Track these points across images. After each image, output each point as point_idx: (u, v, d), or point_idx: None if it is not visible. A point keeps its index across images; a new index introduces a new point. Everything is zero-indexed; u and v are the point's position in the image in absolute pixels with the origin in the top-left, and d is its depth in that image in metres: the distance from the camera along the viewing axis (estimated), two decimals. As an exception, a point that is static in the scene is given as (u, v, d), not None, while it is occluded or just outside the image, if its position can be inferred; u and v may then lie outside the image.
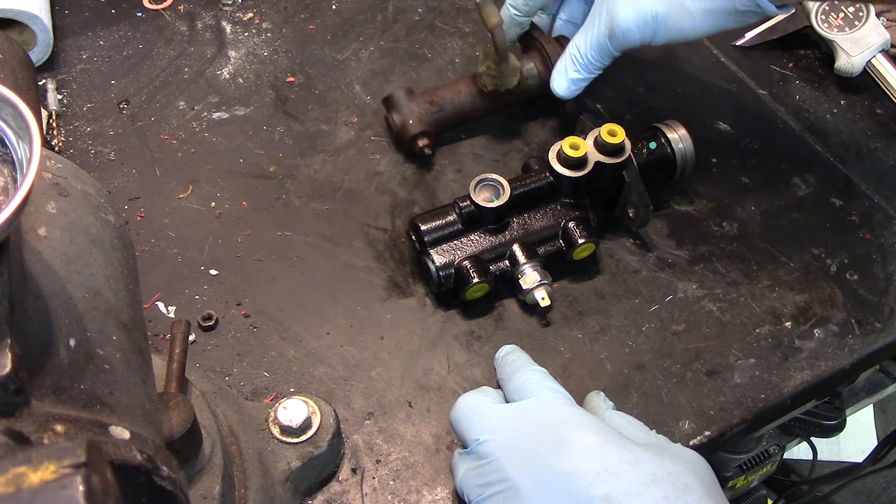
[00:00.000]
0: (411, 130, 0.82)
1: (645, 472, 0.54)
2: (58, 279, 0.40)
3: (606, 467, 0.53)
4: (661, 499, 0.52)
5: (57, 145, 0.84)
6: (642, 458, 0.55)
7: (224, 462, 0.56)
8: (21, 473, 0.28)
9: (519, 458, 0.56)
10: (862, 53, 0.90)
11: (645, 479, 0.53)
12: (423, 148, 0.82)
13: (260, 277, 0.76)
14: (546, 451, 0.55)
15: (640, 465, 0.54)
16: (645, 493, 0.52)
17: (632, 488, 0.53)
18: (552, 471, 0.54)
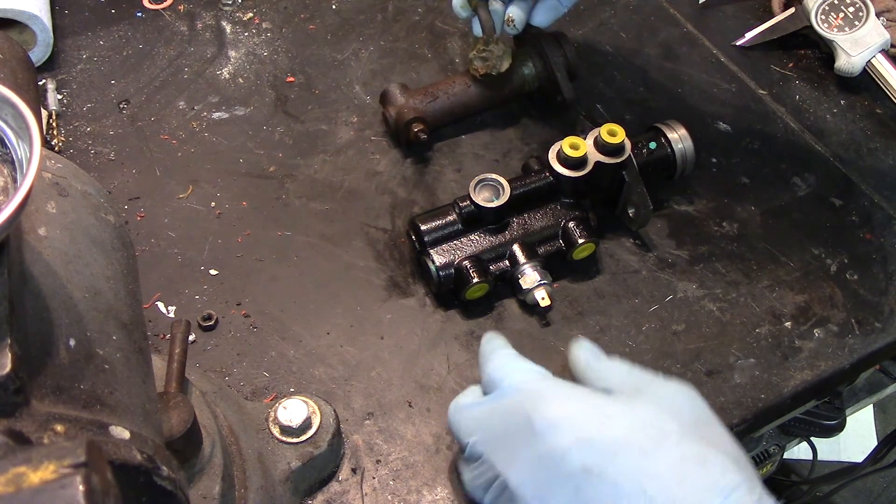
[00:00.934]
0: (405, 117, 0.82)
1: (618, 430, 0.52)
2: (58, 279, 0.40)
3: (578, 436, 0.52)
4: (637, 454, 0.51)
5: (57, 145, 0.84)
6: (614, 414, 0.53)
7: (224, 462, 0.56)
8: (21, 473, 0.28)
9: (502, 450, 0.56)
10: (862, 53, 0.90)
11: (619, 437, 0.52)
12: (417, 133, 0.82)
13: (260, 277, 0.76)
14: (521, 437, 0.54)
15: (612, 424, 0.53)
16: (621, 453, 0.51)
17: (607, 451, 0.51)
18: (531, 455, 0.53)
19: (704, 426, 0.54)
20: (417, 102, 0.83)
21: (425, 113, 0.83)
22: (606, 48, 0.96)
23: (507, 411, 0.57)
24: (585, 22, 0.99)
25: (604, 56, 0.95)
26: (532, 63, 0.85)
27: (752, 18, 0.99)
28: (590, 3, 1.01)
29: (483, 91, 0.85)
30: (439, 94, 0.84)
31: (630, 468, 0.50)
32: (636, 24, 0.99)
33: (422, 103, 0.83)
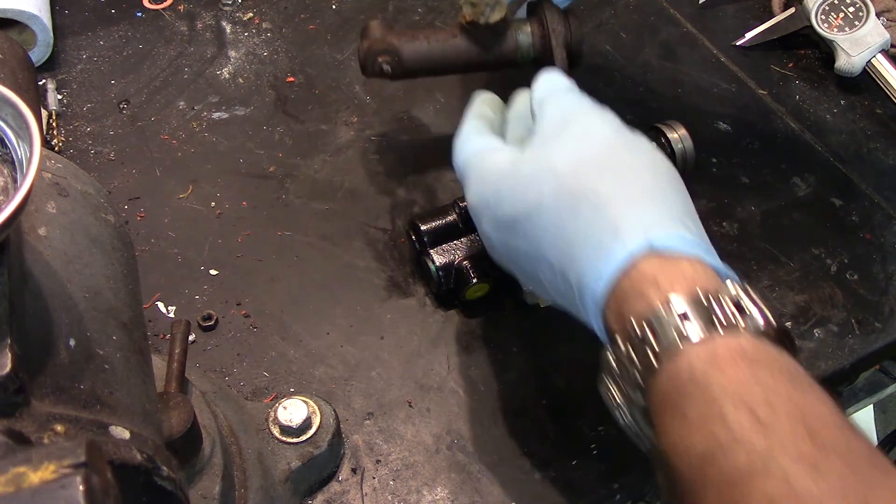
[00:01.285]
0: (375, 47, 0.75)
1: (507, 208, 0.57)
2: (58, 279, 0.40)
3: (489, 218, 0.59)
4: (526, 224, 0.55)
5: (57, 145, 0.84)
6: (503, 188, 0.57)
7: (224, 462, 0.56)
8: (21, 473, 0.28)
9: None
10: (862, 53, 0.90)
11: (510, 213, 0.56)
12: (381, 64, 0.75)
13: (260, 277, 0.76)
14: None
15: (502, 203, 0.57)
16: (517, 228, 0.56)
17: (509, 230, 0.57)
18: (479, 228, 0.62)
19: (587, 165, 0.55)
20: (394, 38, 0.76)
21: (400, 51, 0.76)
22: (606, 48, 0.96)
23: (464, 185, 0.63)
24: (585, 22, 0.99)
25: (604, 56, 0.95)
26: (531, 30, 0.77)
27: (752, 18, 0.99)
28: (590, 3, 1.01)
29: (469, 45, 0.77)
30: (420, 37, 0.76)
31: (526, 238, 0.56)
32: (636, 24, 0.99)
33: (399, 40, 0.76)
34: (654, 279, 0.48)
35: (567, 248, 0.52)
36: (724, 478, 0.41)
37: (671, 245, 0.49)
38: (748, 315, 0.46)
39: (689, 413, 0.44)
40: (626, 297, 0.49)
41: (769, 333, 0.47)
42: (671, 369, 0.46)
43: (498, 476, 0.65)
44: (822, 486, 0.39)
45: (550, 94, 0.61)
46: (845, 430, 0.41)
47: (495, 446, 0.66)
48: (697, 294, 0.47)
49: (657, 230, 0.50)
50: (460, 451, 0.66)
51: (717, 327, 0.46)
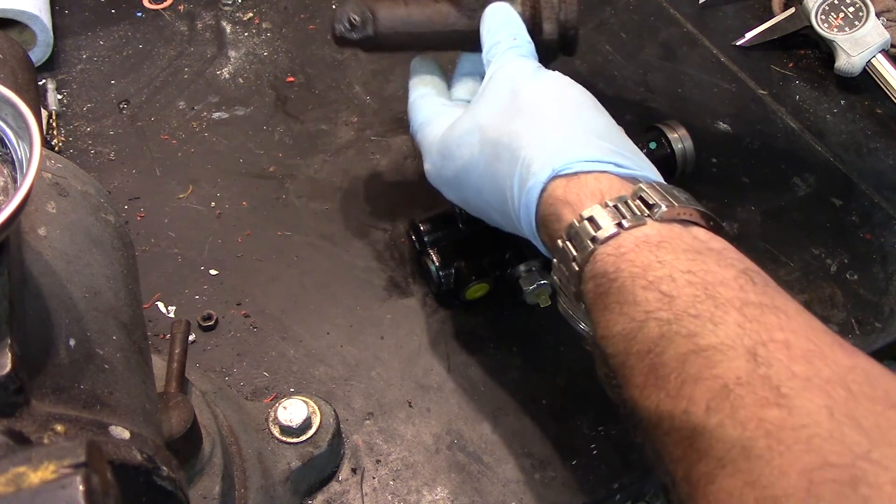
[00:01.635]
0: (345, 8, 0.68)
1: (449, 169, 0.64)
2: (58, 279, 0.40)
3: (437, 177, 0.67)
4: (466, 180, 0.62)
5: (57, 145, 0.84)
6: (444, 148, 0.64)
7: (224, 462, 0.56)
8: (21, 473, 0.28)
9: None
10: (862, 53, 0.90)
11: (451, 173, 0.64)
12: (351, 18, 0.68)
13: (260, 277, 0.76)
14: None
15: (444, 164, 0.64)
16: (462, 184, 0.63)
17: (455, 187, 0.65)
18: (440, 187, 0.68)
19: (507, 112, 0.60)
20: (372, 1, 0.69)
21: (375, 11, 0.68)
22: (606, 48, 0.96)
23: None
24: (585, 22, 0.99)
25: (604, 56, 0.95)
26: (521, 4, 0.69)
27: (752, 18, 0.99)
28: (590, 3, 1.01)
29: (451, 12, 0.69)
30: (398, 1, 0.69)
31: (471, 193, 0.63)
32: (636, 24, 0.99)
33: (376, 1, 0.69)
34: (564, 199, 0.53)
35: (500, 191, 0.58)
36: (642, 348, 0.46)
37: (575, 167, 0.54)
38: (654, 206, 0.50)
39: (609, 303, 0.49)
40: (549, 221, 0.54)
41: (683, 218, 0.51)
42: (590, 271, 0.51)
43: (498, 476, 0.65)
44: (720, 336, 0.43)
45: (493, 55, 0.66)
46: (745, 288, 0.46)
47: (495, 446, 0.66)
48: (605, 201, 0.52)
49: (560, 156, 0.55)
50: (460, 451, 0.66)
51: (624, 224, 0.50)
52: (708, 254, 0.49)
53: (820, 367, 0.42)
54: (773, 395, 0.40)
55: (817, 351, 0.43)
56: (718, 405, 0.42)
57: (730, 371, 0.42)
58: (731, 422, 0.41)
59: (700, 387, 0.43)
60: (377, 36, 0.69)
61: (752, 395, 0.41)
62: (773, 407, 0.40)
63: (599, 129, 0.58)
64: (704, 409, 0.42)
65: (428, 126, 0.67)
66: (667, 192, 0.52)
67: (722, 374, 0.42)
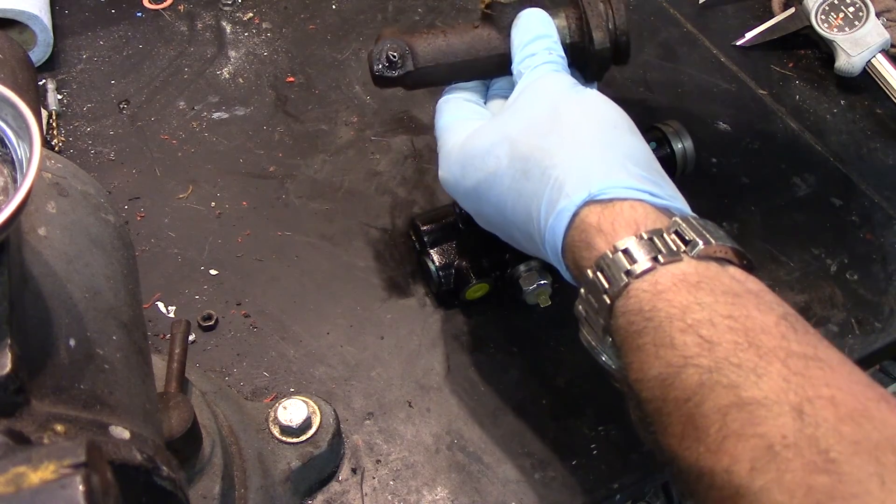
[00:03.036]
0: (381, 42, 0.64)
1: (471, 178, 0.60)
2: (58, 279, 0.40)
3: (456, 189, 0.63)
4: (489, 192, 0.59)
5: (57, 145, 0.84)
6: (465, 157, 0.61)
7: (224, 462, 0.56)
8: (21, 473, 0.28)
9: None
10: (862, 53, 0.90)
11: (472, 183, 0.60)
12: (389, 55, 0.64)
13: (260, 277, 0.76)
14: None
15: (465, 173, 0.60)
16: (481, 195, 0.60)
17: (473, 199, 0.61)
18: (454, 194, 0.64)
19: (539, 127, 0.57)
20: (407, 36, 0.65)
21: (413, 46, 0.64)
22: (606, 48, 0.96)
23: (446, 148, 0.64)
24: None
25: (604, 56, 0.95)
26: (567, 24, 0.65)
27: (752, 18, 0.99)
28: (590, 3, 1.01)
29: (492, 35, 0.65)
30: (434, 33, 0.65)
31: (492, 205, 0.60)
32: (636, 24, 0.99)
33: (413, 37, 0.65)
34: (598, 227, 0.51)
35: (526, 209, 0.56)
36: (680, 395, 0.44)
37: (611, 192, 0.52)
38: (691, 242, 0.49)
39: (643, 344, 0.47)
40: (577, 248, 0.52)
41: (719, 255, 0.49)
42: (622, 306, 0.49)
43: (498, 476, 0.65)
44: (764, 389, 0.41)
45: (527, 67, 0.63)
46: (787, 336, 0.44)
47: (495, 446, 0.66)
48: (640, 232, 0.49)
49: (597, 180, 0.52)
50: (460, 451, 0.66)
51: (660, 259, 0.48)
52: (747, 297, 0.46)
53: (868, 429, 0.39)
54: (821, 459, 0.38)
55: (864, 410, 0.40)
56: (764, 467, 0.40)
57: (775, 429, 0.40)
58: (778, 487, 0.39)
59: (743, 444, 0.41)
60: (418, 70, 0.65)
61: (799, 459, 0.39)
62: (821, 473, 0.38)
63: (636, 154, 0.56)
64: (749, 470, 0.40)
65: (448, 131, 0.64)
66: (703, 228, 0.50)
67: (767, 432, 0.40)
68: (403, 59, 0.64)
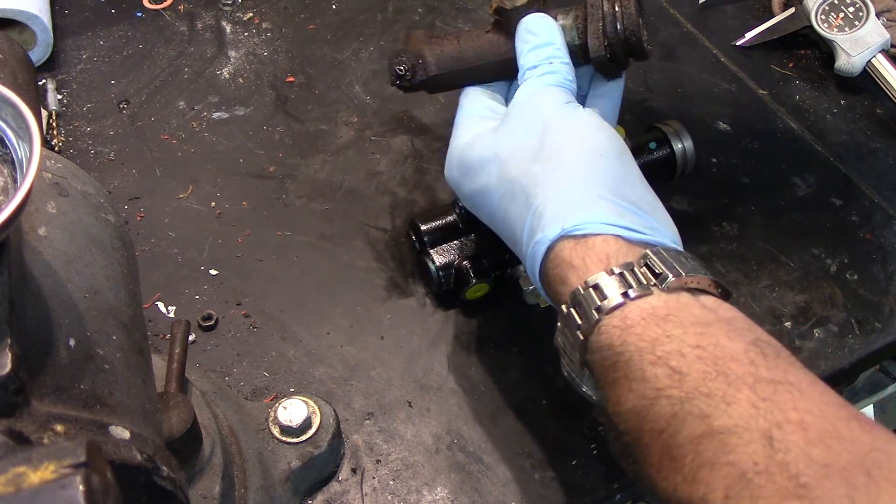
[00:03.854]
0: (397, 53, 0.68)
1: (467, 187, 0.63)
2: (58, 279, 0.40)
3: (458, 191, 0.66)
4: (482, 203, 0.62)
5: (57, 145, 0.84)
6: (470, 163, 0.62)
7: (224, 462, 0.56)
8: (21, 473, 0.28)
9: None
10: (862, 53, 0.90)
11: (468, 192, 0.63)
12: (396, 69, 0.67)
13: (260, 277, 0.76)
14: None
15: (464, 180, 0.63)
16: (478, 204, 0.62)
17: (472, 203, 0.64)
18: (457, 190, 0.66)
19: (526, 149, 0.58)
20: (421, 44, 0.67)
21: (424, 55, 0.67)
22: (606, 48, 0.96)
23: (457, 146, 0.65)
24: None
25: (604, 56, 0.95)
26: (575, 30, 0.64)
27: (752, 18, 0.99)
28: (590, 3, 1.01)
29: (502, 41, 0.66)
30: (447, 40, 0.68)
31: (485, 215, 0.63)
32: (636, 24, 0.99)
33: (426, 45, 0.67)
34: (570, 262, 0.52)
35: (511, 230, 0.58)
36: (655, 427, 0.45)
37: (585, 228, 0.52)
38: (661, 275, 0.49)
39: (617, 378, 0.48)
40: (553, 281, 0.53)
41: (691, 286, 0.50)
42: (596, 342, 0.49)
43: (498, 476, 0.65)
44: (734, 417, 0.42)
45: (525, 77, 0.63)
46: (756, 362, 0.45)
47: (495, 446, 0.66)
48: (611, 267, 0.50)
49: (573, 215, 0.53)
50: (460, 451, 0.66)
51: (630, 294, 0.49)
52: (717, 325, 0.47)
53: (838, 450, 0.40)
54: (792, 484, 0.39)
55: (834, 431, 0.41)
56: (737, 494, 0.40)
57: (746, 457, 0.41)
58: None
59: (717, 473, 0.41)
60: (432, 78, 0.67)
61: (771, 485, 0.40)
62: (793, 498, 0.39)
63: (618, 183, 0.55)
64: (723, 498, 0.41)
65: (459, 127, 0.65)
66: (674, 260, 0.50)
67: (738, 460, 0.41)
68: (414, 72, 0.67)
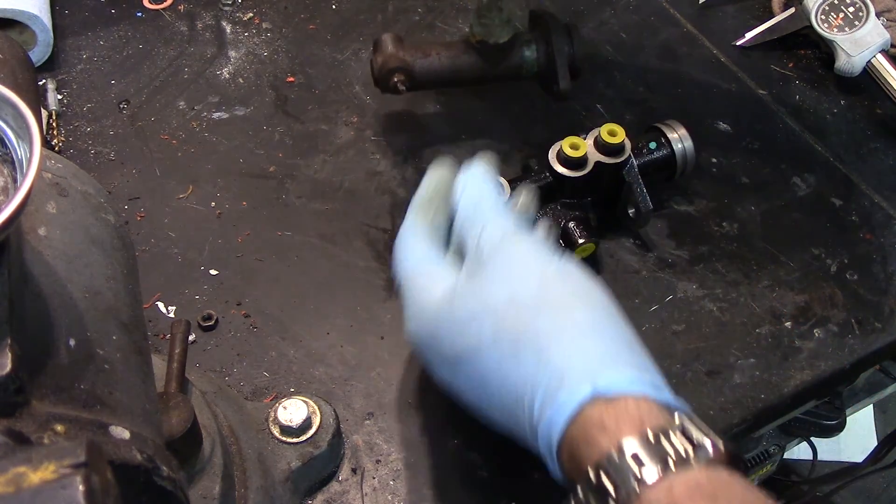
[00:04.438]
0: (389, 65, 0.79)
1: (447, 349, 0.55)
2: (58, 279, 0.40)
3: (426, 356, 0.58)
4: (467, 367, 0.54)
5: (57, 145, 0.84)
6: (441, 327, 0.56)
7: (224, 462, 0.56)
8: (21, 473, 0.28)
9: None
10: (862, 53, 0.90)
11: (449, 355, 0.55)
12: (396, 83, 0.80)
13: (260, 277, 0.76)
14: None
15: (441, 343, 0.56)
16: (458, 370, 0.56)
17: (449, 370, 0.57)
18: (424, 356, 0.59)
19: (526, 304, 0.53)
20: (406, 55, 0.80)
21: (412, 67, 0.80)
22: (606, 48, 0.96)
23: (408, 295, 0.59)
24: (585, 22, 0.99)
25: (604, 56, 0.95)
26: (535, 47, 0.82)
27: (752, 18, 0.99)
28: (590, 3, 1.01)
29: (477, 61, 0.81)
30: (431, 53, 0.81)
31: (469, 381, 0.55)
32: (636, 24, 0.99)
33: (411, 57, 0.80)
34: (601, 424, 0.48)
35: (514, 392, 0.51)
36: None
37: (616, 387, 0.49)
38: (699, 446, 0.46)
39: None
40: (577, 444, 0.48)
41: (720, 459, 0.47)
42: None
43: (498, 476, 0.65)
44: None
45: (474, 209, 0.59)
46: None
47: (495, 446, 0.66)
48: (647, 434, 0.46)
49: (601, 373, 0.49)
50: (461, 450, 0.66)
51: (671, 465, 0.45)
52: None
53: None
54: None
55: None
56: None
57: None
58: None
59: None
60: (415, 86, 0.82)
61: None
62: None
63: (629, 338, 0.53)
64: None
65: (418, 278, 0.58)
66: (703, 426, 0.47)
67: None
68: (406, 83, 0.80)
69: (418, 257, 0.59)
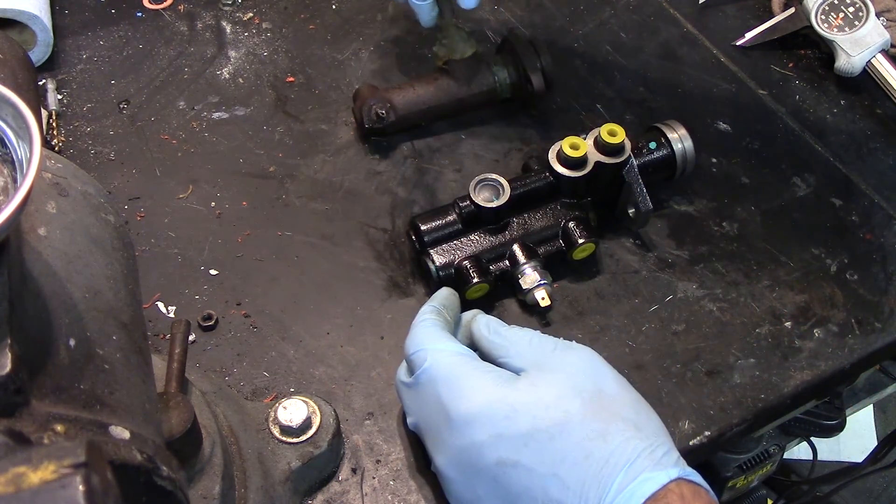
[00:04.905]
0: (368, 99, 0.83)
1: (524, 423, 0.55)
2: (58, 279, 0.40)
3: (489, 434, 0.55)
4: (546, 440, 0.54)
5: (57, 145, 0.84)
6: (520, 404, 0.55)
7: (224, 462, 0.56)
8: (21, 473, 0.28)
9: (429, 435, 0.60)
10: (862, 53, 0.90)
11: (525, 429, 0.55)
12: (375, 110, 0.83)
13: (260, 277, 0.76)
14: (443, 427, 0.58)
15: (518, 417, 0.55)
16: (530, 443, 0.54)
17: (517, 443, 0.55)
18: (453, 445, 0.57)
19: (605, 397, 0.57)
20: (384, 92, 0.84)
21: (392, 98, 0.84)
22: (606, 48, 0.96)
23: (428, 401, 0.59)
24: (585, 22, 0.99)
25: (604, 56, 0.95)
26: (506, 69, 0.85)
27: (752, 18, 0.99)
28: (590, 3, 1.01)
29: (451, 84, 0.85)
30: (406, 87, 0.85)
31: (540, 455, 0.54)
32: (636, 24, 0.99)
33: (388, 93, 0.84)
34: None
35: (593, 470, 0.53)
36: None
37: (693, 475, 0.53)
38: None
39: None
40: None
41: None
42: None
43: (498, 476, 0.65)
44: None
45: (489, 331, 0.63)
46: None
47: (495, 446, 0.66)
48: None
49: (675, 458, 0.54)
50: (460, 451, 0.66)
51: None
52: None
53: None
54: None
55: None
56: None
57: None
58: None
59: None
60: (399, 119, 0.84)
61: None
62: None
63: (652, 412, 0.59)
64: None
65: (459, 367, 0.59)
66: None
67: None
68: (388, 113, 0.83)
69: (442, 338, 0.61)
